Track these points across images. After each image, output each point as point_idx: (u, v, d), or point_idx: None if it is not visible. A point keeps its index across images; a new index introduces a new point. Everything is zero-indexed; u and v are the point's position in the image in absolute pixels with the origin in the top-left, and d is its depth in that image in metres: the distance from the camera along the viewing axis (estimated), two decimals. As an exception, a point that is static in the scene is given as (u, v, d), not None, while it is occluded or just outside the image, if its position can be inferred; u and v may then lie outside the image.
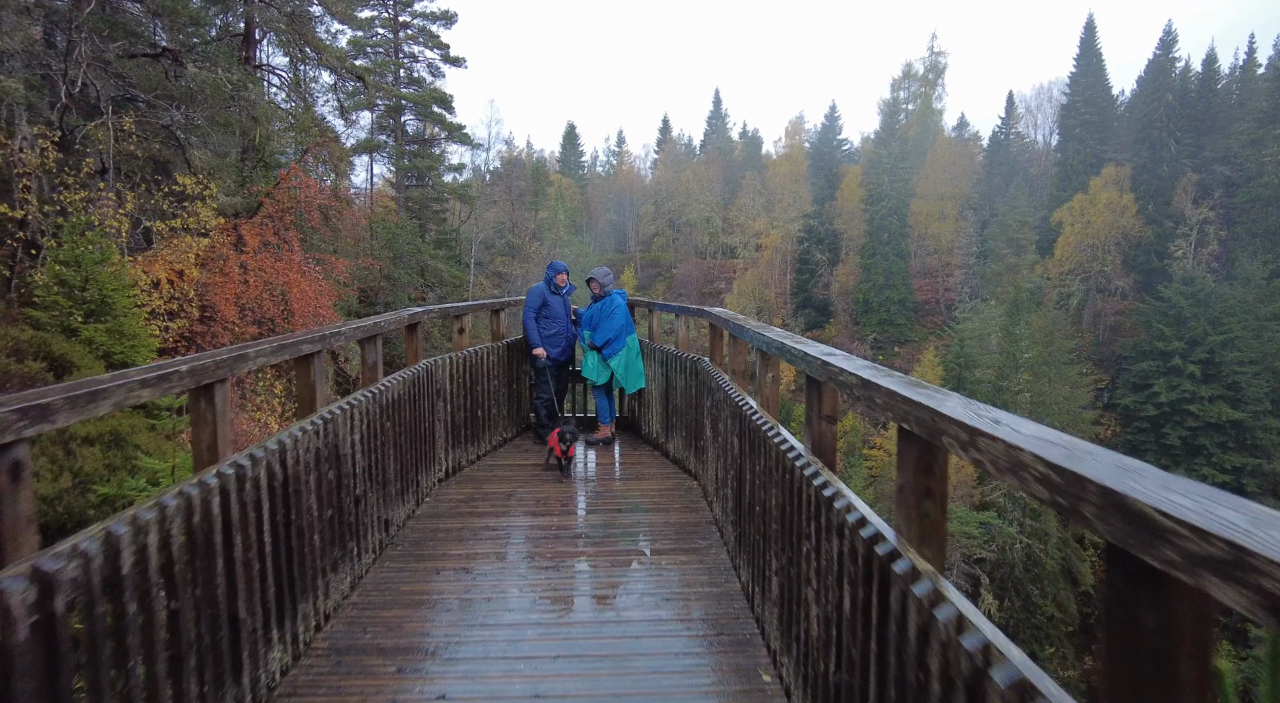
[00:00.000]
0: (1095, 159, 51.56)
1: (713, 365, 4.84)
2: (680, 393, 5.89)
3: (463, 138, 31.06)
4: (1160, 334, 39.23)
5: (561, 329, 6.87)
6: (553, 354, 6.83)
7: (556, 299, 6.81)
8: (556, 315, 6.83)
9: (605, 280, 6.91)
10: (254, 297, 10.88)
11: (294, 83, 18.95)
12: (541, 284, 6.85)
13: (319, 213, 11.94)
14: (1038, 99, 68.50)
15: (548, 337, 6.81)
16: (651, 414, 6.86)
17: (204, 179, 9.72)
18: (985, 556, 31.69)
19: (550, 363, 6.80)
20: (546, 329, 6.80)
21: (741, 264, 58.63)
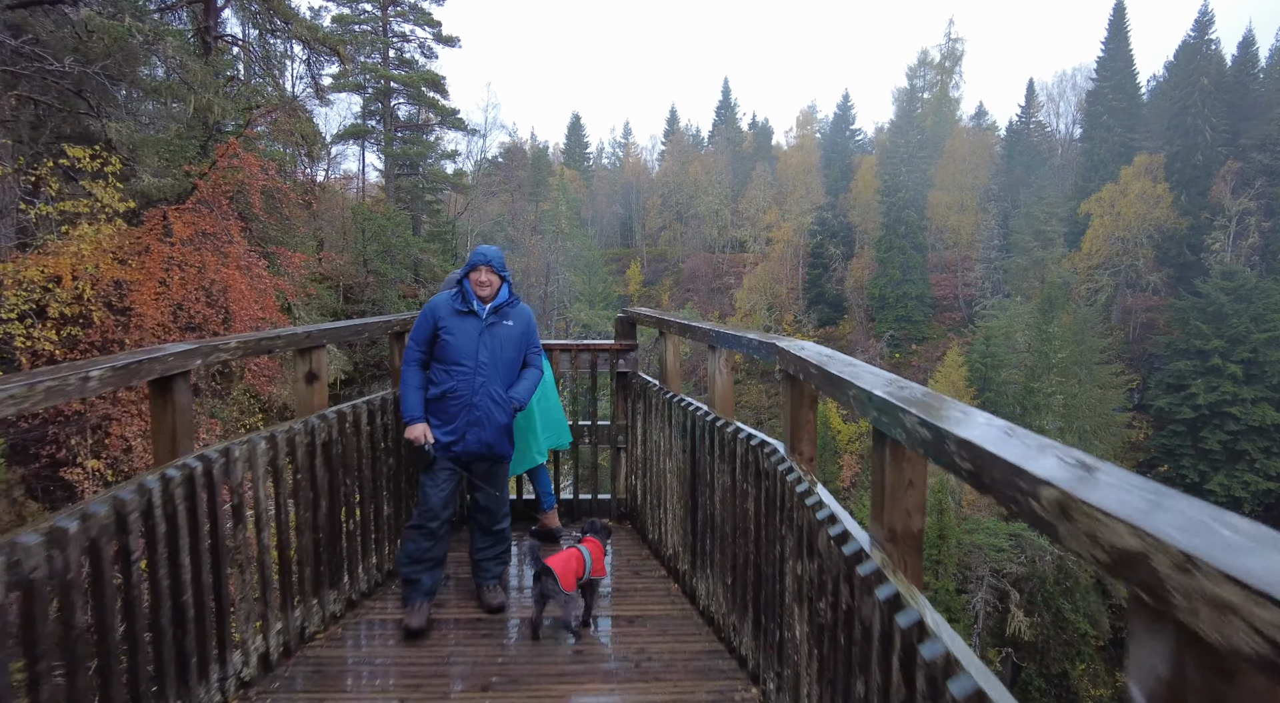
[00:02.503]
0: (1124, 148, 49.14)
1: (798, 464, 2.30)
2: (727, 502, 3.07)
3: (457, 123, 29.12)
4: (1198, 332, 36.96)
5: (478, 382, 3.51)
6: (441, 437, 3.50)
7: (470, 323, 3.54)
8: (467, 353, 3.52)
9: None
10: (178, 297, 8.97)
11: (262, 57, 17.03)
12: (445, 294, 3.65)
13: (262, 197, 10.00)
14: (1060, 87, 66.04)
15: (445, 400, 3.51)
16: (665, 513, 4.12)
17: (104, 152, 7.81)
18: (1015, 569, 29.67)
19: (441, 453, 3.50)
20: (444, 381, 3.51)
21: (751, 258, 56.52)
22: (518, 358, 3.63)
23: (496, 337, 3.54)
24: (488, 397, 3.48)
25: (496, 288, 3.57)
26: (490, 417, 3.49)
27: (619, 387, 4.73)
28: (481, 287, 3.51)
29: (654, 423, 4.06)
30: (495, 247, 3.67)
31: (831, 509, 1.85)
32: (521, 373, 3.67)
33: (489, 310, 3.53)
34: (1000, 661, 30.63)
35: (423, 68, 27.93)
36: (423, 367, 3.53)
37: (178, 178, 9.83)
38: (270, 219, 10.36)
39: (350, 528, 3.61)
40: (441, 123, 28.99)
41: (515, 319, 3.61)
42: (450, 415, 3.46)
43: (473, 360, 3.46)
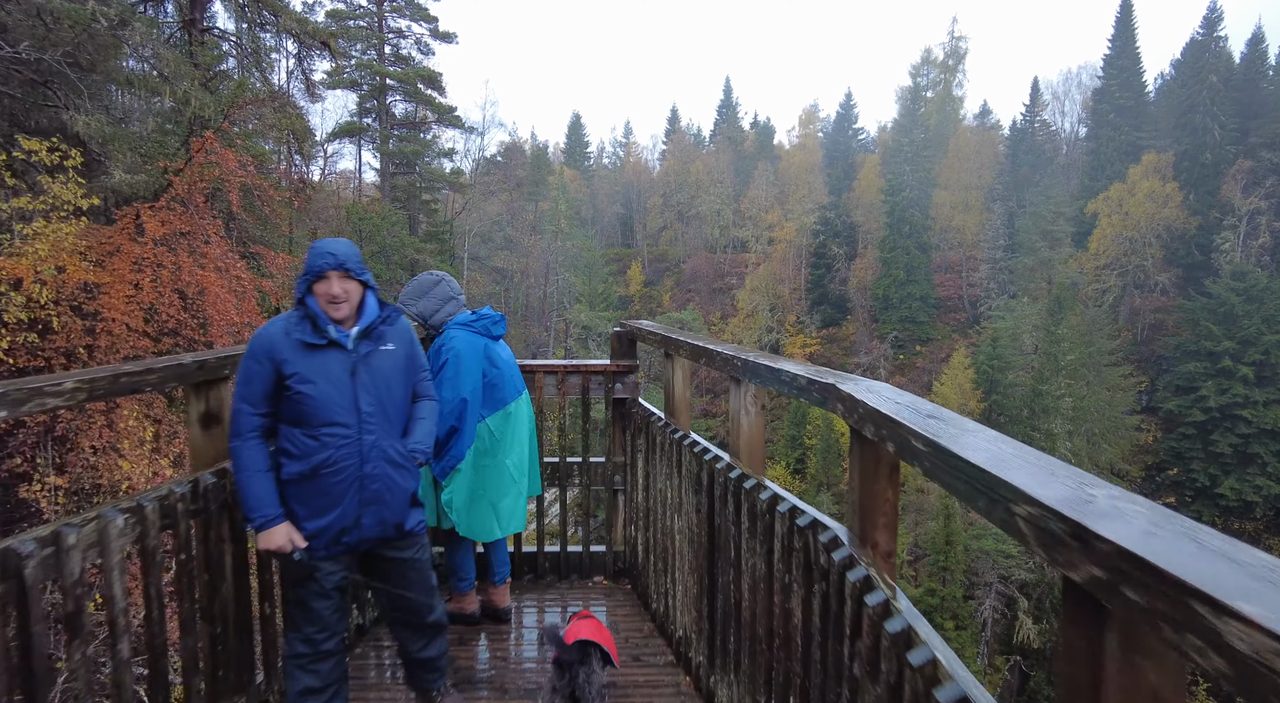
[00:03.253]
0: (1131, 147, 48.54)
1: (871, 563, 1.53)
2: (760, 594, 2.27)
3: (454, 121, 28.57)
4: (1208, 333, 36.34)
5: (368, 443, 2.45)
6: (319, 529, 2.43)
7: (332, 360, 2.41)
8: (342, 406, 2.41)
9: (427, 304, 3.37)
10: (149, 300, 8.42)
11: (252, 51, 16.49)
12: (280, 321, 2.45)
13: (241, 194, 9.43)
14: (1065, 85, 65.49)
15: (319, 478, 2.41)
16: (674, 583, 3.22)
17: (63, 145, 7.25)
18: (1023, 575, 29.07)
19: (324, 551, 2.47)
20: (312, 452, 2.39)
21: (754, 258, 55.92)
22: (408, 392, 2.61)
23: (377, 372, 2.44)
24: (384, 460, 2.44)
25: (358, 301, 2.42)
26: (392, 487, 2.46)
27: (615, 416, 3.95)
28: (336, 303, 2.34)
29: (658, 466, 3.28)
30: (346, 241, 2.44)
31: (934, 650, 1.21)
32: (414, 409, 2.65)
33: (357, 336, 2.41)
34: (1008, 669, 30.07)
35: (419, 64, 27.40)
36: (266, 436, 2.39)
37: (151, 174, 9.27)
38: (250, 218, 9.80)
39: (267, 611, 2.72)
40: (438, 121, 28.45)
41: (396, 339, 2.53)
42: (331, 498, 2.37)
43: (353, 416, 2.37)
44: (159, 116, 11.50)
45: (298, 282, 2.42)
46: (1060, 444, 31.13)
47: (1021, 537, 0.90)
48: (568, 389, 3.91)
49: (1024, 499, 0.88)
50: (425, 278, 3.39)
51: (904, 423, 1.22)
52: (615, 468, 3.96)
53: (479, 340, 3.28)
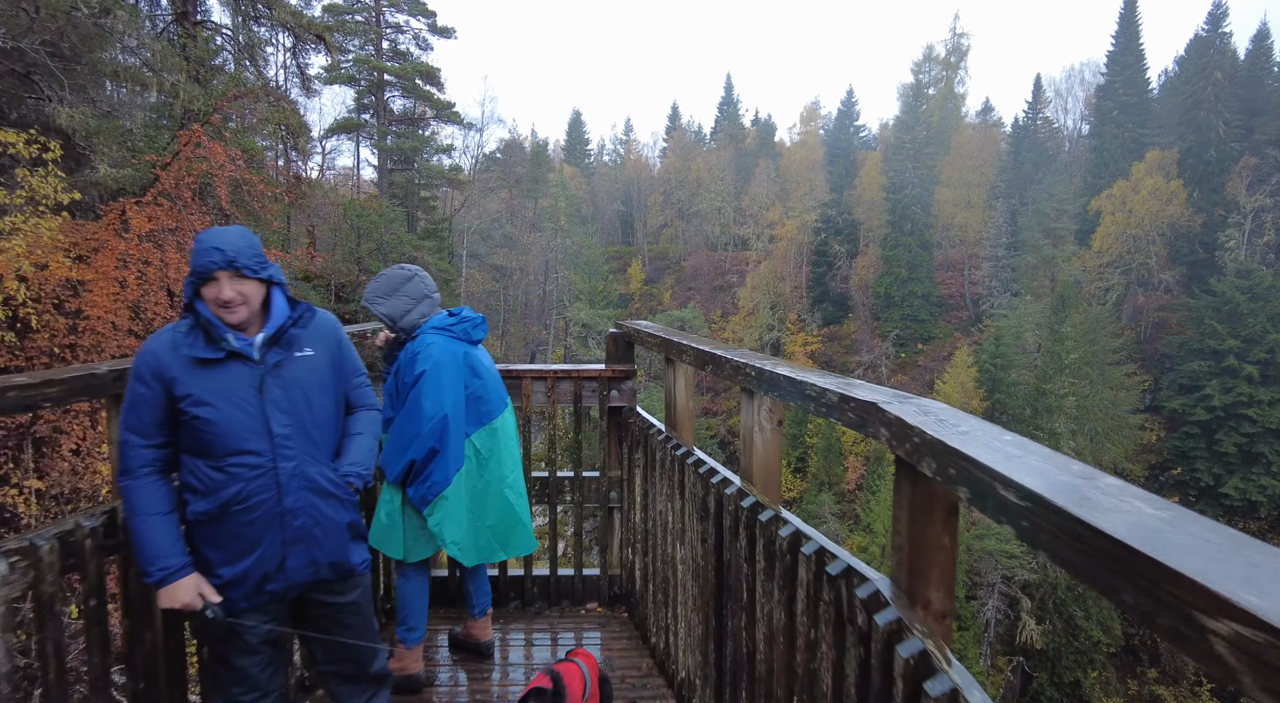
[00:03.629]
0: (1134, 144, 48.22)
1: (920, 625, 1.19)
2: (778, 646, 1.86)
3: (453, 117, 28.29)
4: (1212, 331, 36.06)
5: (286, 470, 2.03)
6: (232, 590, 2.02)
7: (234, 375, 2.00)
8: (250, 430, 2.00)
9: (396, 304, 2.87)
10: (135, 298, 8.18)
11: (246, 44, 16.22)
12: (168, 330, 2.02)
13: (230, 189, 9.18)
14: (1068, 82, 65.11)
15: (229, 517, 1.99)
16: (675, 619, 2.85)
17: (42, 138, 7.00)
18: (1026, 576, 28.84)
19: (244, 604, 2.05)
20: (219, 486, 1.98)
21: (755, 256, 55.63)
22: (337, 404, 2.17)
23: (292, 384, 2.04)
24: (308, 490, 2.04)
25: (260, 302, 2.01)
26: (321, 521, 2.07)
27: (611, 426, 3.58)
28: (230, 308, 1.94)
29: (658, 485, 2.94)
30: (238, 230, 1.99)
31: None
32: (348, 424, 2.22)
33: (263, 342, 2.01)
34: (1011, 670, 29.86)
35: (417, 60, 27.13)
36: (165, 470, 1.99)
37: (138, 169, 9.02)
38: (239, 213, 9.55)
39: (206, 657, 2.25)
40: (437, 117, 28.18)
41: (314, 342, 2.12)
42: (248, 540, 1.98)
43: (265, 441, 1.98)
44: (149, 110, 11.27)
45: (185, 283, 2.00)
46: (1064, 444, 30.88)
47: (1216, 662, 0.56)
48: (558, 397, 3.51)
49: (1224, 610, 0.54)
50: (394, 273, 2.89)
51: (989, 465, 0.89)
52: (611, 483, 3.59)
53: (458, 346, 2.85)
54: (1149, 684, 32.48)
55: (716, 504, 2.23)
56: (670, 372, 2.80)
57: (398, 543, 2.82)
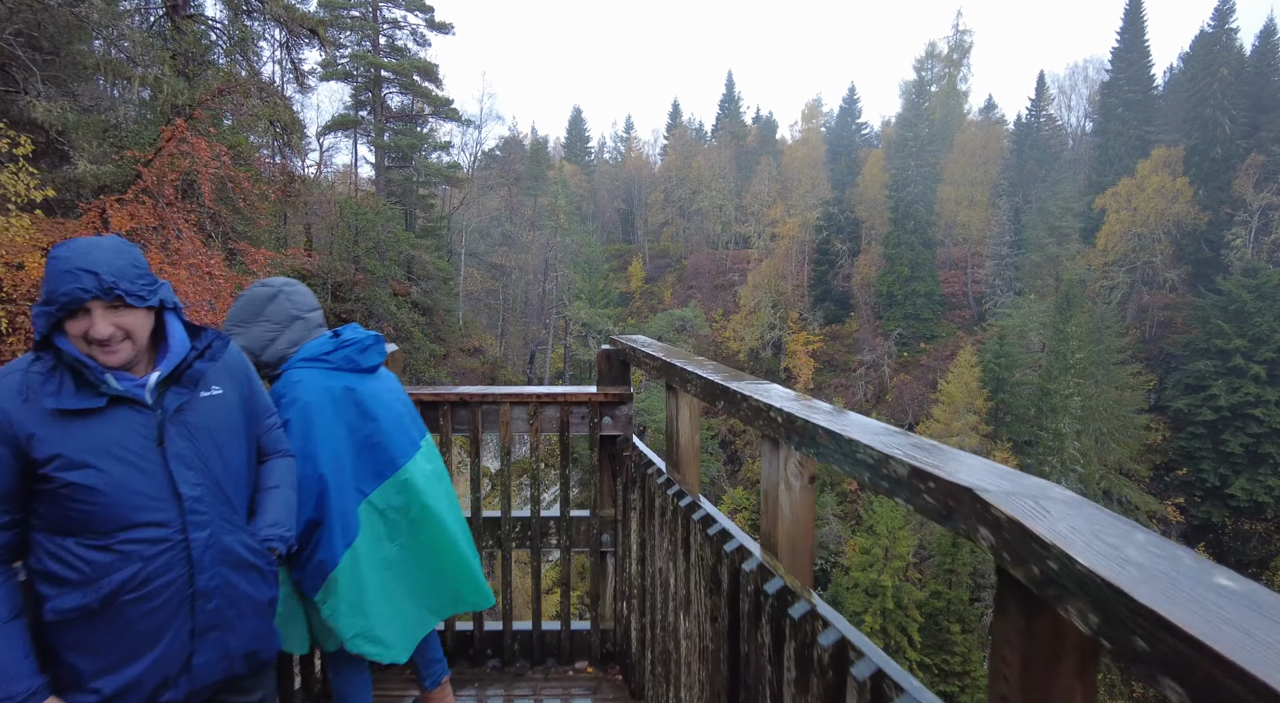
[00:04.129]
0: (1139, 141, 47.79)
1: None
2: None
3: (451, 114, 27.95)
4: (1219, 331, 35.70)
5: (199, 541, 1.62)
6: (126, 683, 1.54)
7: (120, 424, 1.55)
8: (149, 496, 1.56)
9: (256, 333, 2.22)
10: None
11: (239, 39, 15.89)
12: (16, 371, 1.53)
13: (216, 186, 8.86)
14: (1071, 79, 64.66)
15: (115, 610, 1.53)
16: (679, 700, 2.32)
17: (11, 132, 6.67)
18: (1031, 578, 28.46)
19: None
20: (100, 572, 1.52)
21: (756, 255, 55.26)
22: (250, 453, 1.80)
23: (200, 432, 1.64)
24: (226, 564, 1.65)
25: (148, 334, 1.59)
26: (238, 601, 1.67)
27: (603, 458, 3.08)
28: (108, 348, 1.51)
29: (658, 537, 2.48)
30: (115, 242, 1.56)
31: None
32: (261, 476, 1.83)
33: (158, 384, 1.60)
34: (1015, 673, 29.55)
35: (414, 56, 26.77)
36: (5, 561, 1.52)
37: (119, 165, 8.69)
38: (223, 211, 9.22)
39: None
40: (434, 113, 27.83)
41: (222, 378, 1.73)
42: (142, 639, 1.54)
43: (171, 507, 1.57)
44: (136, 106, 10.93)
45: (35, 313, 1.51)
46: (1069, 444, 30.59)
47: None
48: (542, 424, 2.98)
49: None
50: (253, 291, 2.24)
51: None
52: (603, 524, 3.08)
53: (337, 380, 2.17)
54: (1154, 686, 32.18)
55: (731, 579, 1.78)
56: (672, 401, 2.34)
57: (300, 634, 2.21)
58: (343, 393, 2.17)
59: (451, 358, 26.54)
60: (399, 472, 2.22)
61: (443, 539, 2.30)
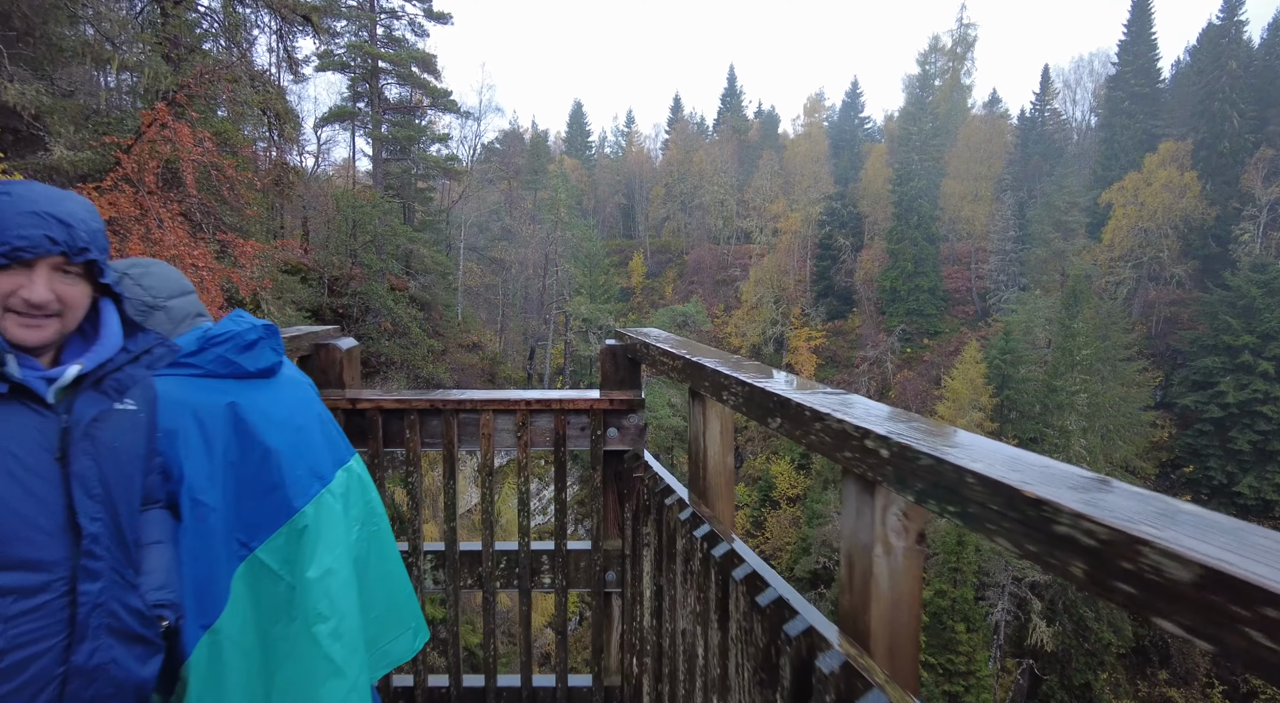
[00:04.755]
0: (1146, 135, 47.30)
1: None
2: None
3: (449, 106, 27.51)
4: (1227, 327, 35.28)
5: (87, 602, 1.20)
6: None
7: (22, 423, 1.17)
8: (30, 530, 1.15)
9: (144, 289, 1.65)
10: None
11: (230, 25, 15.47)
12: None
13: (200, 175, 8.47)
14: (1076, 73, 64.10)
15: None
16: None
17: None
18: (1036, 576, 28.18)
19: None
20: None
21: (758, 249, 54.84)
22: (145, 493, 1.42)
23: (109, 454, 1.27)
24: (112, 631, 1.23)
25: (79, 318, 1.27)
26: (124, 682, 1.24)
27: (609, 477, 2.51)
28: (30, 320, 1.18)
29: (680, 589, 1.89)
30: (82, 200, 1.29)
31: None
32: (142, 526, 1.39)
33: (69, 383, 1.23)
34: (1020, 673, 29.26)
35: (412, 46, 26.33)
36: None
37: (98, 151, 8.31)
38: (206, 200, 8.84)
39: None
40: (433, 105, 27.40)
41: (138, 394, 1.36)
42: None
43: (60, 544, 1.17)
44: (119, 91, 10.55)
45: None
46: (1074, 441, 30.21)
47: None
48: (532, 437, 2.41)
49: None
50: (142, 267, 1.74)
51: None
52: (608, 559, 2.50)
53: (209, 393, 1.57)
54: (1160, 686, 31.90)
55: (797, 676, 1.24)
56: (698, 411, 1.82)
57: None
58: (217, 411, 1.55)
59: (450, 354, 26.17)
60: (294, 516, 1.59)
61: (349, 611, 1.63)
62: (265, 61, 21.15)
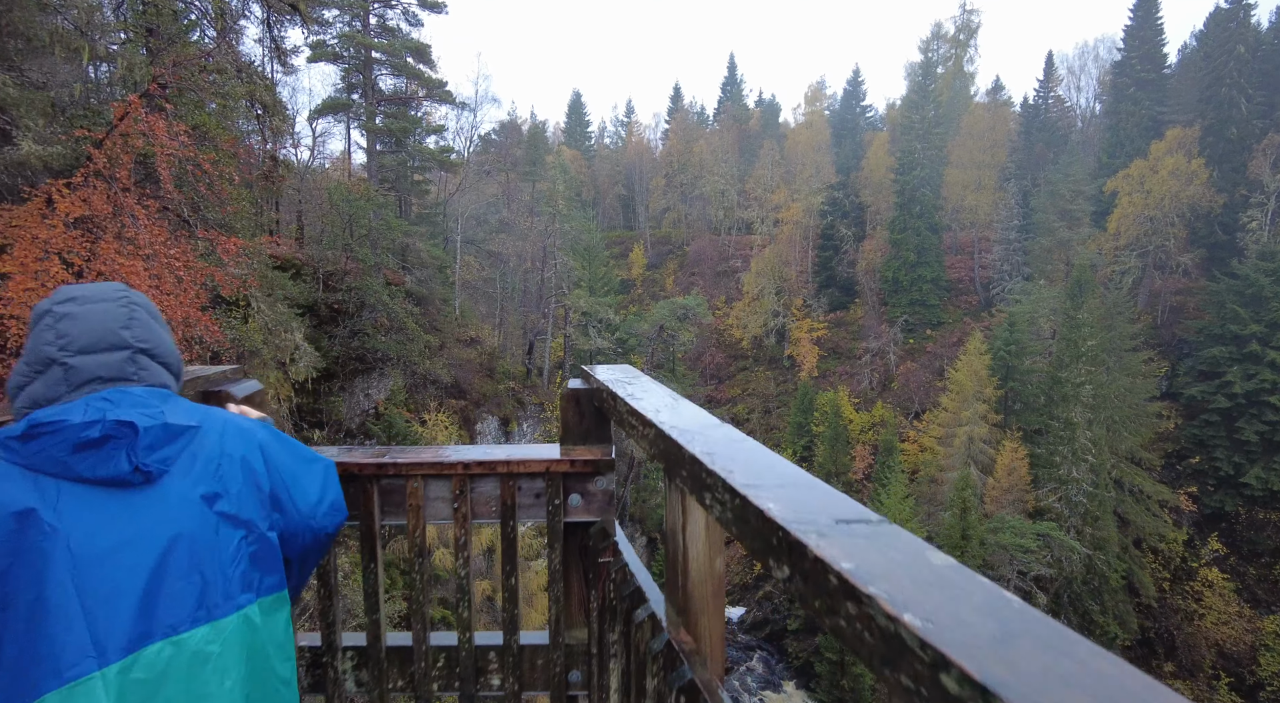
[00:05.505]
0: (1152, 122, 46.66)
1: None
2: None
3: (445, 96, 27.05)
4: (1235, 316, 34.84)
5: None
6: None
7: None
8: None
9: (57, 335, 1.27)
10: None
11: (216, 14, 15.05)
12: None
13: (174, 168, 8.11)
14: (1081, 59, 63.34)
15: None
16: None
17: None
18: (1042, 570, 27.91)
19: None
20: None
21: (759, 240, 54.37)
22: None
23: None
24: None
25: None
26: None
27: (570, 554, 1.98)
28: None
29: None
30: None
31: None
32: None
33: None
34: (1025, 666, 29.03)
35: (407, 36, 25.83)
36: None
37: (67, 146, 7.95)
38: (181, 196, 8.48)
39: None
40: (428, 96, 26.94)
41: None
42: None
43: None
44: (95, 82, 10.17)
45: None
46: (1080, 433, 29.87)
47: None
48: (474, 507, 1.92)
49: None
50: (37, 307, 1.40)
51: None
52: (570, 657, 1.99)
53: (18, 489, 1.16)
54: (1165, 679, 31.70)
55: None
56: (676, 502, 1.38)
57: None
58: (8, 529, 1.12)
59: (447, 349, 25.84)
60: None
61: None
62: (254, 52, 20.72)
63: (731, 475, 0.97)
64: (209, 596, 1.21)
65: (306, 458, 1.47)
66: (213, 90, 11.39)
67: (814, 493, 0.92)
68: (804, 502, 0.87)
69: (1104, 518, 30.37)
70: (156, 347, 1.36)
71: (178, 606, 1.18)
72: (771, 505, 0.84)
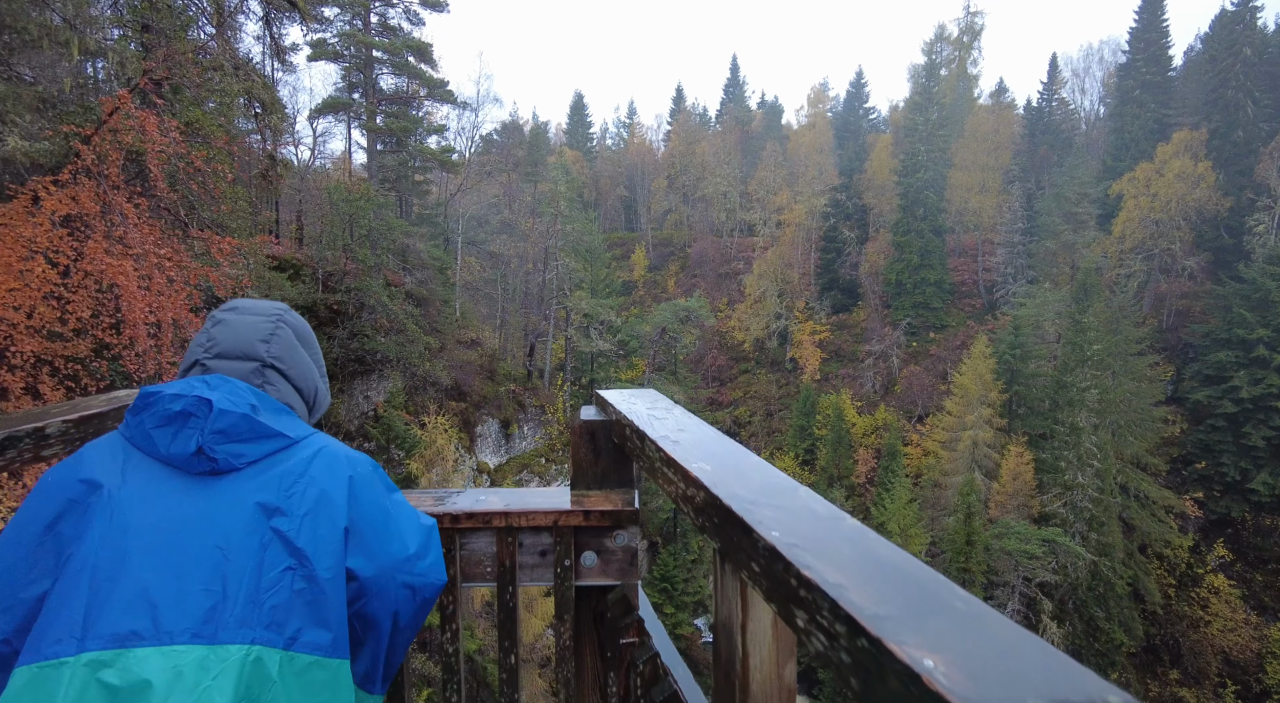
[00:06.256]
0: (1157, 124, 46.41)
1: None
2: None
3: (446, 96, 26.83)
4: (1241, 320, 34.56)
5: None
6: None
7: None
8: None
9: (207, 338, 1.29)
10: (39, 295, 6.92)
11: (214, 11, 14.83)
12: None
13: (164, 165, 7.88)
14: (1085, 61, 63.11)
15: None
16: None
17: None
18: (1047, 576, 27.62)
19: None
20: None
21: (761, 242, 54.14)
22: None
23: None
24: None
25: None
26: None
27: (583, 624, 1.58)
28: None
29: None
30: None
31: None
32: None
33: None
34: (1030, 673, 28.75)
35: (408, 35, 25.63)
36: None
37: (55, 141, 7.73)
38: (171, 194, 8.25)
39: None
40: (430, 96, 26.72)
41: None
42: None
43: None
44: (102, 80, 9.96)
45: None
46: (1085, 438, 29.59)
47: None
48: (464, 568, 1.56)
49: None
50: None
51: None
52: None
53: (102, 457, 1.12)
54: (1171, 686, 31.40)
55: None
56: (733, 588, 0.99)
57: None
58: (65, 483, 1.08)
59: (448, 350, 25.60)
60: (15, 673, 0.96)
61: None
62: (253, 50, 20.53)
63: (845, 592, 0.63)
64: (222, 613, 0.99)
65: (407, 507, 1.27)
66: (209, 87, 11.18)
67: (1006, 638, 0.55)
68: (997, 662, 0.51)
69: (1109, 524, 30.07)
70: (292, 368, 1.32)
71: (183, 613, 0.99)
72: (930, 663, 0.51)
